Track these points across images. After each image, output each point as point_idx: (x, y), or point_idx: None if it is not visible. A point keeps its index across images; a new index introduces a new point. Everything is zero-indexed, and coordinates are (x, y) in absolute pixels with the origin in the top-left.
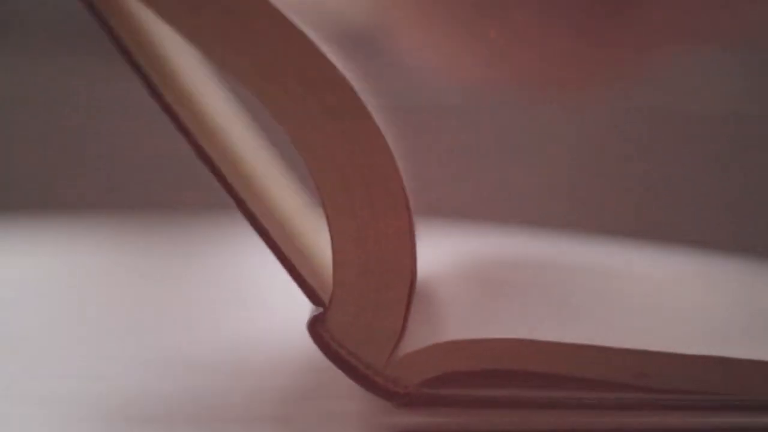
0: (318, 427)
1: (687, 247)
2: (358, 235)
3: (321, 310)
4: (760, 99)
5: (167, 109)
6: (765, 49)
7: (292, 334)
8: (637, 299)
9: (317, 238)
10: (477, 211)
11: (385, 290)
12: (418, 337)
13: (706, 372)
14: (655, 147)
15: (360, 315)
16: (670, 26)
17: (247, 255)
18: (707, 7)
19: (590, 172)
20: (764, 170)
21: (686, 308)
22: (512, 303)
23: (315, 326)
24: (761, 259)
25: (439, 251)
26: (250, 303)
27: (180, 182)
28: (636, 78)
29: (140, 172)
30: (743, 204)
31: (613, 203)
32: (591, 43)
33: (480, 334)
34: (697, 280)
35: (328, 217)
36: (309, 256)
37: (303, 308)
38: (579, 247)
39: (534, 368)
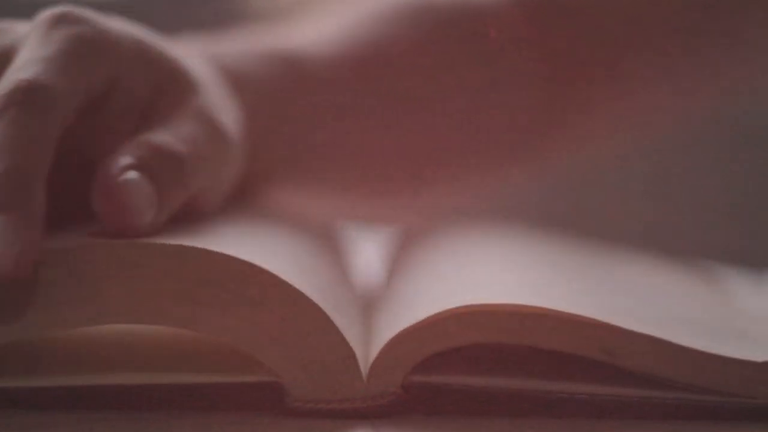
0: None
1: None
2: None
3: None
4: None
5: None
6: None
7: None
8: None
9: None
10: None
11: (308, 336)
12: (378, 345)
13: (672, 358)
14: (656, 148)
15: (308, 365)
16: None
17: None
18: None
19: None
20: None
21: (662, 296)
22: (455, 277)
23: (287, 401)
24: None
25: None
26: None
27: None
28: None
29: None
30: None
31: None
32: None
33: (427, 313)
34: (678, 275)
35: None
36: None
37: None
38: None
39: (496, 338)
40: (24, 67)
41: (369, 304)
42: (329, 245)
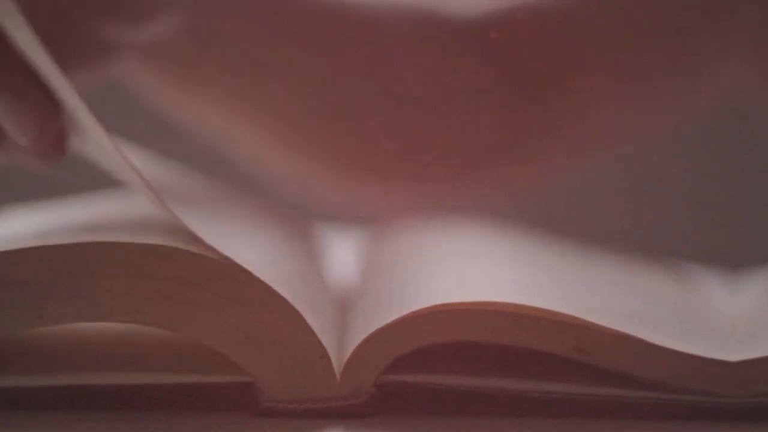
0: None
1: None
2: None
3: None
4: None
5: None
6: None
7: None
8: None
9: None
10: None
11: (281, 336)
12: (351, 344)
13: (645, 356)
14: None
15: (283, 365)
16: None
17: None
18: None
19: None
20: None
21: (636, 294)
22: (427, 276)
23: (260, 400)
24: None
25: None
26: None
27: None
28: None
29: None
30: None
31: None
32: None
33: (399, 313)
34: (654, 275)
35: None
36: None
37: None
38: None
39: (469, 337)
40: None
41: (344, 304)
42: (304, 244)
